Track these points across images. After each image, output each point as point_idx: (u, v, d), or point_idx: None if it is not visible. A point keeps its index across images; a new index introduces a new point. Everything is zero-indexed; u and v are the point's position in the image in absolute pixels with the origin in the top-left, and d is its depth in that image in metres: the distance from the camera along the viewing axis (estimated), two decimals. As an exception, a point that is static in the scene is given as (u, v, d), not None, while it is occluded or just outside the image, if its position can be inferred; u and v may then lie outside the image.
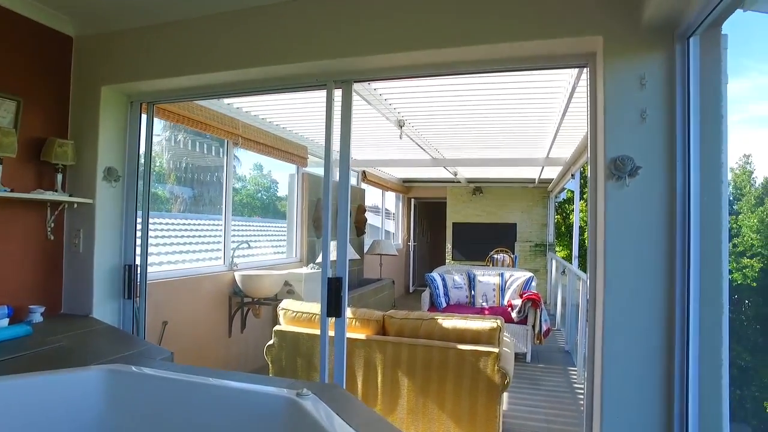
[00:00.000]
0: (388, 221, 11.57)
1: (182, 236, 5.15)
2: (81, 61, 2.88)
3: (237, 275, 4.57)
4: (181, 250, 4.80)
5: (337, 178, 2.67)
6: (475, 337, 3.05)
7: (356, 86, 3.53)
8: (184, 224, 5.46)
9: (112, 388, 1.69)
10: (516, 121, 4.66)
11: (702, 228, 1.69)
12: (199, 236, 5.54)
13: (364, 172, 8.33)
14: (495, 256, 9.69)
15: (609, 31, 1.87)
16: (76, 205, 2.82)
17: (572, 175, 6.39)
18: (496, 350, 2.96)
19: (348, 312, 3.43)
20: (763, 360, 9.95)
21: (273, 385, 1.56)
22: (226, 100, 4.19)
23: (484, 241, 10.32)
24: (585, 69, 2.14)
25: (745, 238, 11.50)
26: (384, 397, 3.19)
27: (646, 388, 1.77)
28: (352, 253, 6.54)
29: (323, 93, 2.55)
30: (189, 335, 4.05)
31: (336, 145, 2.51)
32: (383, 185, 9.68)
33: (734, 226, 11.70)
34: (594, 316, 1.92)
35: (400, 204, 11.59)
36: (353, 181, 8.30)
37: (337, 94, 2.53)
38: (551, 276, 8.66)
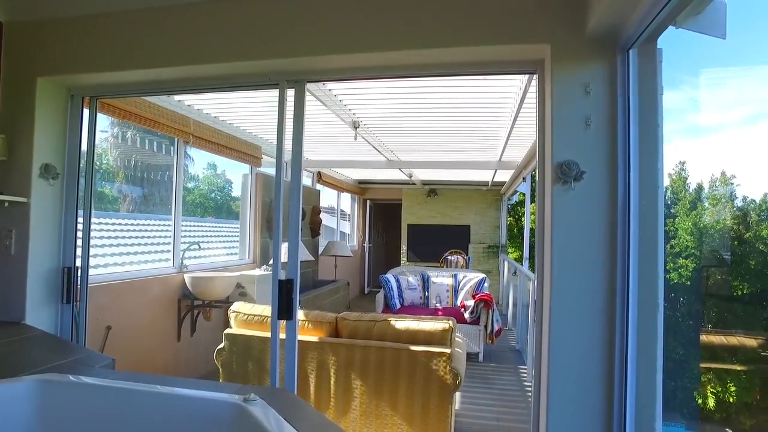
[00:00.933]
0: (344, 222, 11.53)
1: (130, 237, 4.95)
2: (12, 50, 2.67)
3: (187, 277, 4.43)
4: (129, 252, 4.62)
5: (289, 178, 2.64)
6: (428, 338, 3.08)
7: (310, 86, 3.52)
8: (132, 224, 5.25)
9: (45, 400, 1.57)
10: (470, 125, 4.75)
11: (640, 231, 1.77)
12: (148, 237, 5.34)
13: (319, 173, 8.27)
14: (449, 257, 9.84)
15: (556, 40, 1.93)
16: (7, 204, 2.63)
17: (524, 178, 6.57)
18: (448, 351, 3.00)
19: (300, 314, 3.40)
20: (694, 353, 10.53)
21: (220, 391, 1.52)
22: (177, 97, 4.06)
23: (438, 243, 10.46)
24: (534, 76, 2.19)
25: (680, 240, 12.09)
26: (337, 399, 3.17)
27: (588, 383, 1.84)
28: (306, 255, 6.48)
29: (277, 92, 2.51)
30: (135, 340, 3.89)
31: (288, 146, 2.48)
32: (339, 186, 9.65)
33: (671, 228, 12.30)
34: (541, 316, 1.98)
35: (356, 205, 11.58)
36: (308, 182, 8.23)
37: (290, 93, 2.49)
38: (503, 277, 8.86)
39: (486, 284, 6.30)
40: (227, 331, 3.41)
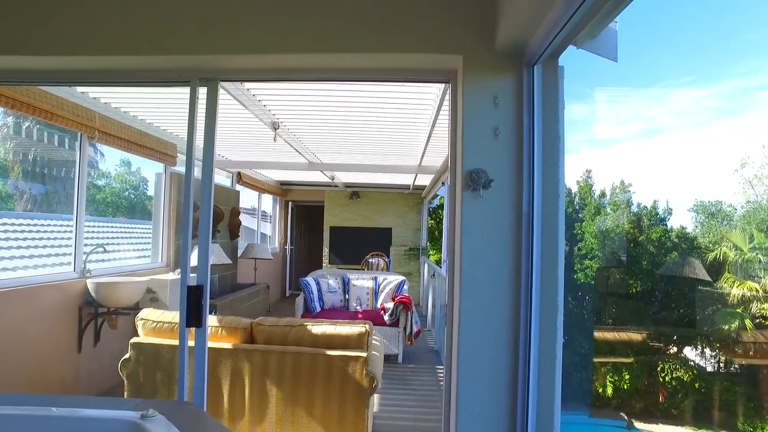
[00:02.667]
0: (265, 224, 11.27)
1: (25, 239, 4.53)
2: None
3: (90, 283, 4.11)
4: (23, 255, 4.22)
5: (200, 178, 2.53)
6: (344, 342, 3.07)
7: (227, 86, 3.42)
8: (27, 225, 4.81)
9: None
10: (390, 129, 4.81)
11: (543, 236, 1.88)
12: (47, 239, 4.91)
13: (239, 173, 8.02)
14: (370, 260, 9.91)
15: (468, 52, 2.01)
16: None
17: (443, 182, 6.77)
18: (364, 354, 3.01)
19: (213, 320, 3.27)
20: (596, 347, 11.38)
21: (117, 408, 1.41)
22: (80, 89, 3.77)
23: (360, 245, 10.51)
24: (448, 85, 2.26)
25: (586, 243, 13.03)
26: (252, 407, 3.08)
27: (495, 380, 1.92)
28: (224, 258, 6.25)
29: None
30: (26, 356, 3.54)
31: (200, 146, 2.38)
32: (260, 187, 9.41)
33: (579, 232, 13.23)
34: (452, 317, 2.04)
35: (278, 207, 11.35)
36: (228, 182, 7.96)
37: (202, 92, 2.39)
38: (424, 279, 9.07)
39: (405, 286, 6.41)
40: (134, 340, 3.20)
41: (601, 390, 10.91)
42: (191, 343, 2.38)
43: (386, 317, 5.61)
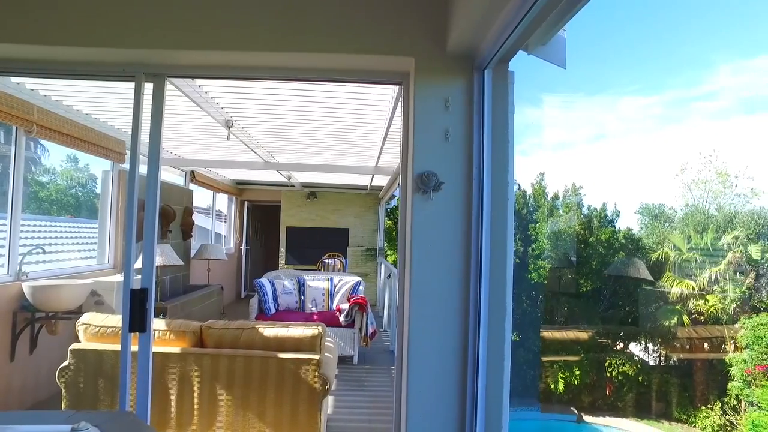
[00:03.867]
0: (220, 224, 11.00)
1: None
2: None
3: (26, 286, 3.88)
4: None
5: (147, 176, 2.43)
6: (297, 344, 3.03)
7: (178, 82, 3.30)
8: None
9: None
10: (347, 130, 4.78)
11: (492, 239, 1.91)
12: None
13: (192, 172, 7.79)
14: (327, 260, 9.83)
15: (420, 54, 2.01)
16: None
17: (398, 183, 6.78)
18: (317, 357, 2.98)
19: (161, 324, 3.15)
20: (549, 345, 11.75)
21: (46, 422, 1.33)
22: (14, 79, 3.55)
23: (317, 246, 10.42)
24: (401, 87, 2.26)
25: (540, 244, 13.40)
26: (201, 413, 2.99)
27: (444, 380, 1.94)
28: (175, 259, 6.05)
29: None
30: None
31: (145, 143, 2.29)
32: (215, 186, 9.18)
33: (533, 233, 13.60)
34: (402, 318, 2.04)
35: (233, 206, 11.11)
36: (180, 181, 7.72)
37: (148, 87, 2.30)
38: (381, 280, 9.07)
39: (361, 287, 6.39)
40: (74, 346, 3.04)
41: (553, 386, 11.27)
42: (135, 348, 2.28)
43: (342, 318, 5.58)
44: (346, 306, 5.66)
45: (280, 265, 10.79)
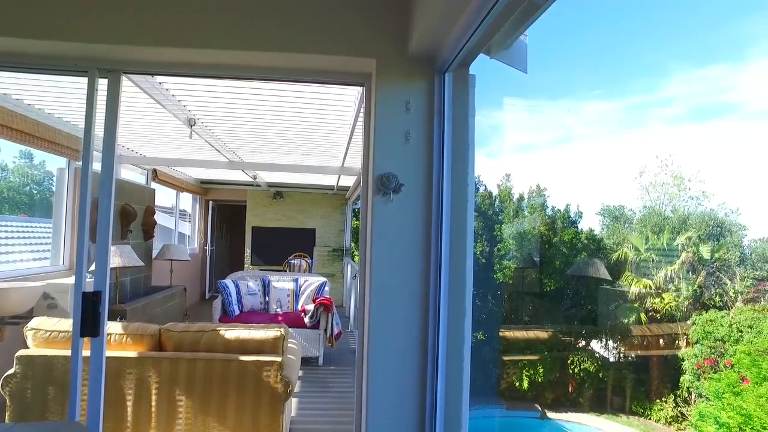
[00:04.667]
0: (184, 224, 10.75)
1: None
2: None
3: (-31, 289, 3.70)
4: None
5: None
6: (259, 347, 2.99)
7: (137, 78, 3.21)
8: None
9: None
10: (312, 130, 4.75)
11: (451, 241, 1.93)
12: None
13: (155, 170, 7.59)
14: (292, 261, 9.74)
15: (382, 56, 2.01)
16: None
17: (365, 184, 6.77)
18: (279, 359, 2.95)
19: (118, 327, 3.06)
20: (514, 344, 11.98)
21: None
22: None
23: (284, 246, 10.31)
24: (363, 88, 2.26)
25: (506, 244, 13.61)
26: (159, 419, 2.92)
27: (405, 380, 1.94)
28: (135, 260, 5.87)
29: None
30: None
31: (100, 140, 2.21)
32: (178, 186, 8.96)
33: (499, 233, 13.81)
34: (363, 319, 2.04)
35: (197, 206, 10.87)
36: (142, 180, 7.51)
37: (103, 83, 2.22)
38: (347, 280, 9.05)
39: (327, 288, 6.36)
40: (21, 352, 2.92)
41: (518, 383, 11.50)
42: (87, 353, 2.20)
43: (307, 319, 5.54)
44: (311, 307, 5.62)
45: (245, 265, 10.63)
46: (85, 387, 2.20)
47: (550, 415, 11.12)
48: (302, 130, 4.78)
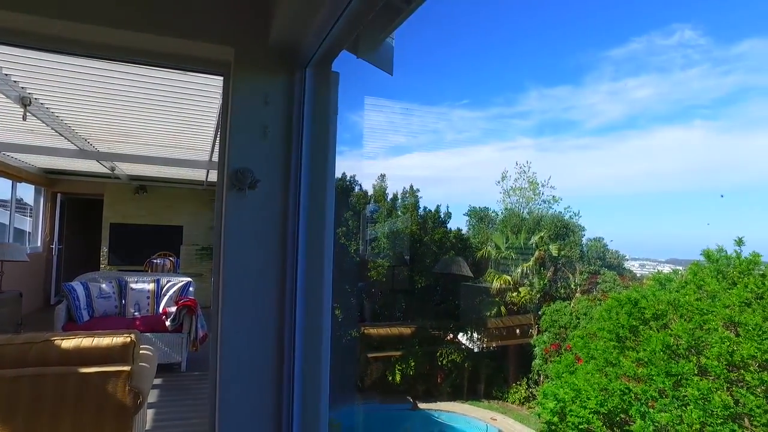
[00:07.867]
0: (24, 218, 9.42)
1: None
2: None
3: None
4: None
5: None
6: (104, 356, 2.70)
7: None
8: None
9: None
10: (177, 121, 4.44)
11: (308, 240, 1.91)
12: None
13: (-21, 155, 6.56)
14: (155, 260, 9.03)
15: (240, 45, 1.92)
16: None
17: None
18: (127, 368, 2.69)
19: None
20: (388, 340, 12.37)
21: None
22: None
23: (147, 245, 9.52)
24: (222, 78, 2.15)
25: (380, 242, 13.96)
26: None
27: (258, 385, 1.88)
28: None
29: None
30: None
31: None
32: (14, 175, 7.84)
33: (374, 232, 14.11)
34: (217, 321, 1.94)
35: (42, 199, 9.61)
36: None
37: None
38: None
39: (191, 288, 5.99)
40: None
41: (391, 378, 11.87)
42: None
43: (168, 322, 5.17)
44: (173, 309, 5.26)
45: (101, 266, 9.64)
46: None
47: (421, 405, 11.64)
48: (165, 121, 4.45)
